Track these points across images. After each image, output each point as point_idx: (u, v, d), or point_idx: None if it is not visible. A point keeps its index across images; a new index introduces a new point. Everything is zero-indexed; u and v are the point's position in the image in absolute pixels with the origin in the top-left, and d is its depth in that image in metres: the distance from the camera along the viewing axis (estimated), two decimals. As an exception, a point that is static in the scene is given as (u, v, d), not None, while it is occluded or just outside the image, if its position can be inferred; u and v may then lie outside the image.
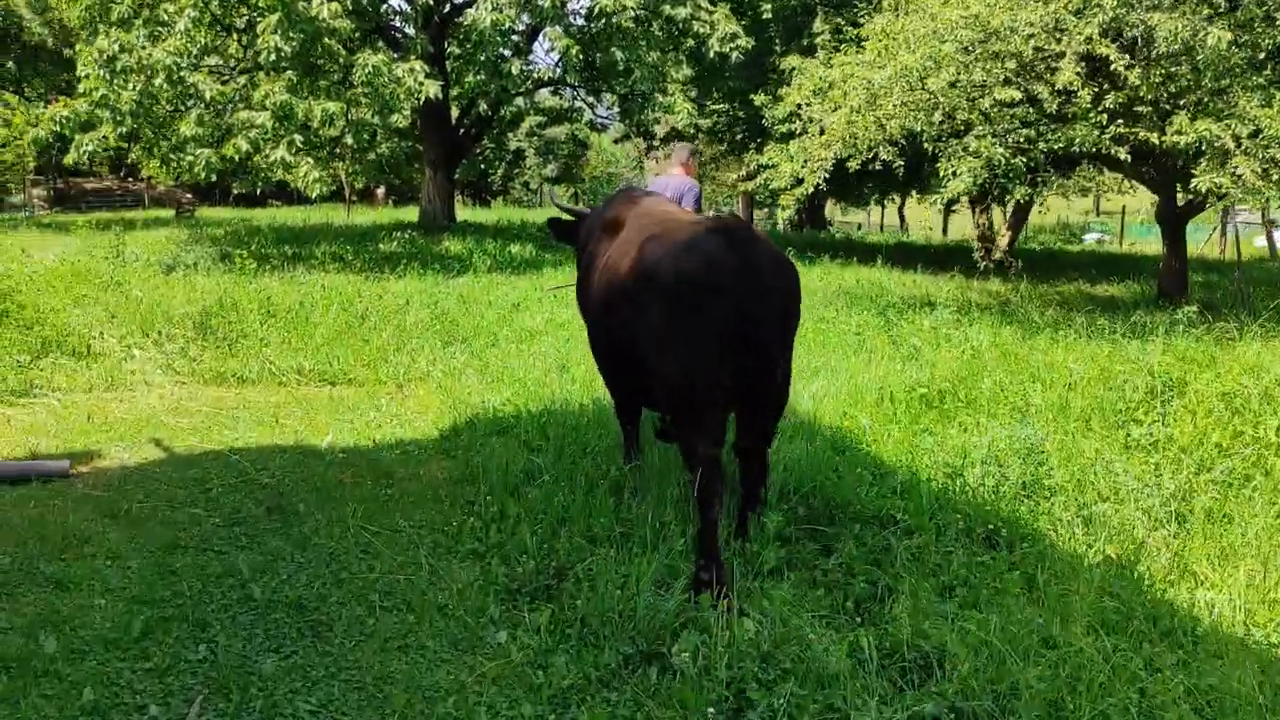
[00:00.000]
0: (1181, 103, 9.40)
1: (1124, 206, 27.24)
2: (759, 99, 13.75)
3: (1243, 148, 8.91)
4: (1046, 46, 9.47)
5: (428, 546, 4.69)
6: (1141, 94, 9.64)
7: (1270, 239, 29.48)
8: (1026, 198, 10.79)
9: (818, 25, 16.34)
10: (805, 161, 11.92)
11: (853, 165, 11.67)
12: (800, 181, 12.01)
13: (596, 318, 5.01)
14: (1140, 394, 7.07)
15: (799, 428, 6.29)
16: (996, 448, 5.51)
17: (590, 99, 23.51)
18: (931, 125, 10.75)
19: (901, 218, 46.97)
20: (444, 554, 4.61)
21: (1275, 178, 8.92)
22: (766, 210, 34.85)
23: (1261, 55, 9.46)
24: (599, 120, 25.78)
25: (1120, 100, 9.66)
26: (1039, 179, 10.26)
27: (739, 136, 22.70)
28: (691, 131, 23.52)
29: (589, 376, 8.07)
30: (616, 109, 24.49)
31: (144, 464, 6.01)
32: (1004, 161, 9.97)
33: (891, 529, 4.66)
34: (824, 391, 7.13)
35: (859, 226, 46.93)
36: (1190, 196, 13.05)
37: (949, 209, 30.87)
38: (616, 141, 29.62)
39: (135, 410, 7.34)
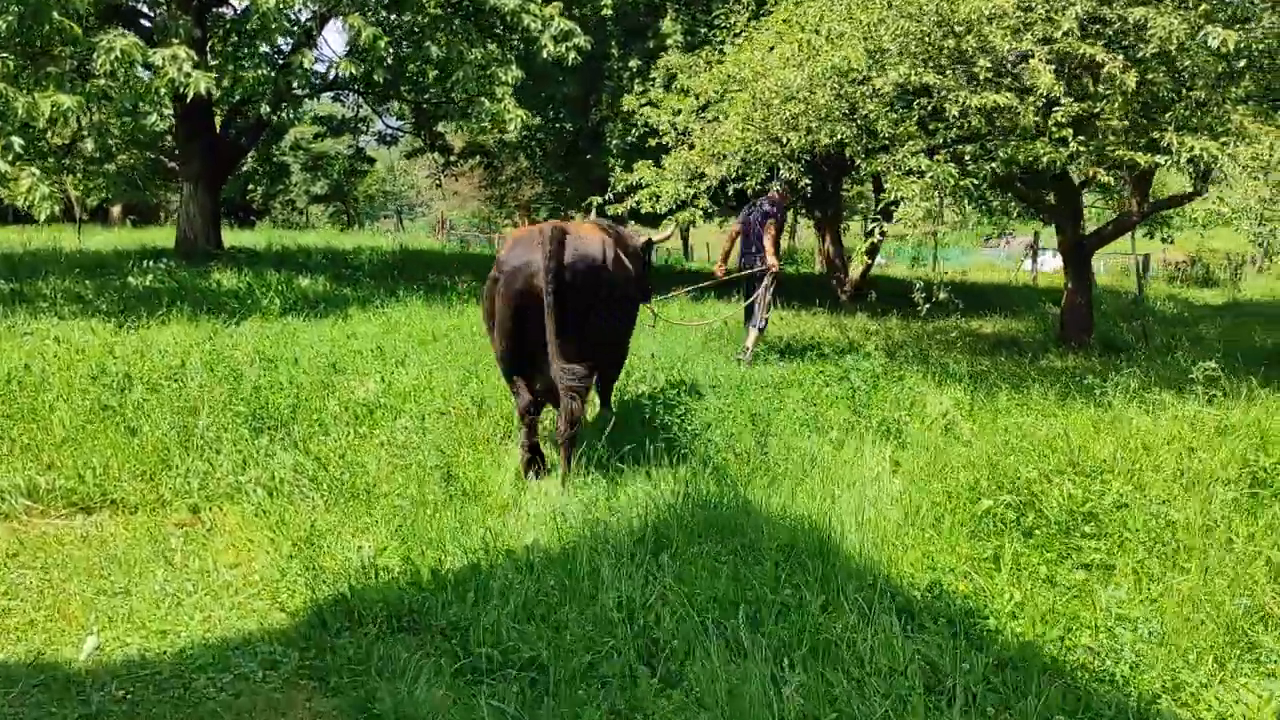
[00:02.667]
0: (1167, 115, 7.93)
1: (936, 231, 26.94)
2: (630, 102, 11.58)
3: (1248, 169, 7.49)
4: (1015, 45, 7.77)
5: None
6: (1106, 107, 8.13)
7: (1035, 263, 29.89)
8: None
9: (667, 25, 14.33)
10: (690, 179, 9.82)
11: (750, 184, 9.67)
12: (686, 204, 9.91)
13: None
14: (1233, 495, 5.37)
15: (871, 586, 4.07)
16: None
17: (380, 107, 20.53)
18: (850, 139, 8.90)
19: (685, 241, 45.97)
20: None
21: (1280, 205, 7.55)
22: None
23: (1241, 63, 8.15)
24: (389, 132, 22.75)
25: (1083, 111, 8.09)
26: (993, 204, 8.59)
27: (540, 152, 20.25)
28: (495, 146, 20.98)
29: (482, 482, 5.61)
30: (409, 120, 21.63)
31: None
32: (952, 182, 8.20)
33: None
34: (855, 514, 4.94)
35: (644, 251, 45.42)
36: (1106, 225, 11.91)
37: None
38: (409, 156, 26.58)
39: None
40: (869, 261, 17.09)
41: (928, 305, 8.61)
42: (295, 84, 14.24)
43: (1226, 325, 14.20)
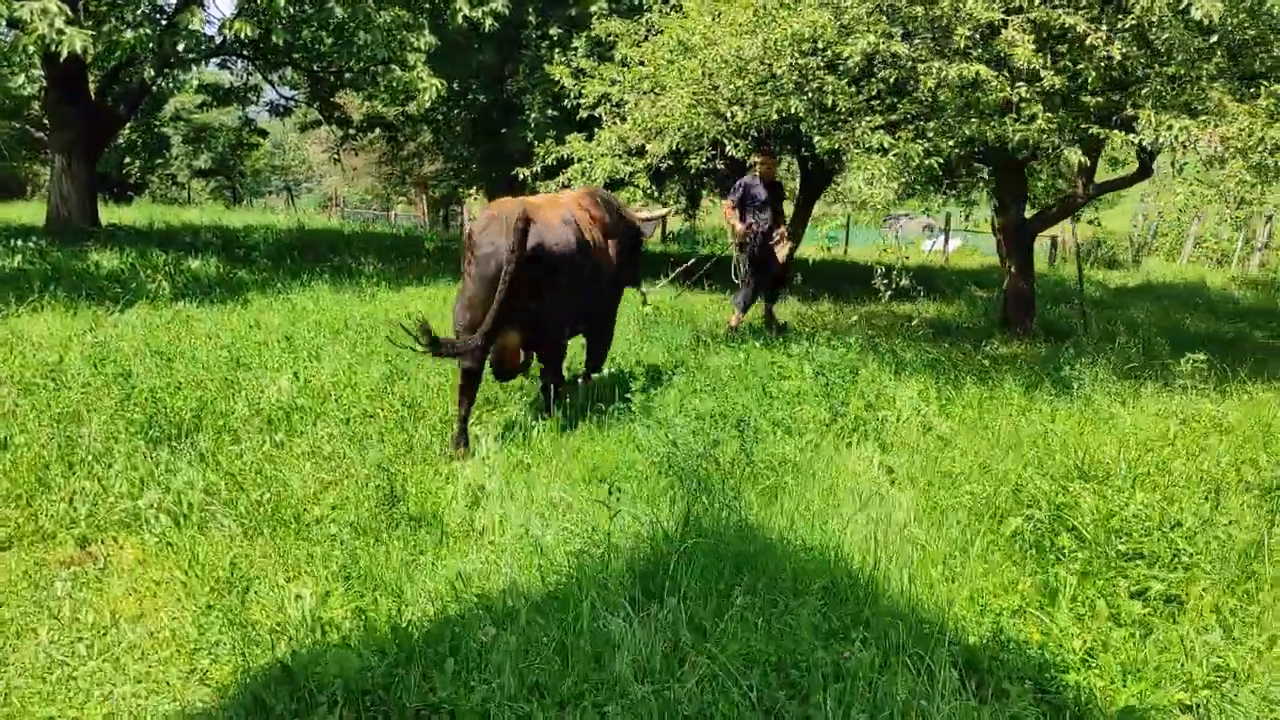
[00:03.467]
0: (1144, 92, 7.52)
1: (848, 214, 26.76)
2: (558, 71, 10.76)
3: (1229, 151, 7.12)
4: (990, 13, 7.25)
5: None
6: (1059, 83, 7.71)
7: (946, 242, 30.13)
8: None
9: (591, -11, 13.52)
10: (628, 155, 9.11)
11: (693, 163, 9.00)
12: (623, 182, 9.20)
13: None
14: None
15: (935, 637, 3.45)
16: None
17: (271, 75, 19.13)
18: (805, 114, 8.30)
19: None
20: None
21: (1260, 190, 7.22)
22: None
23: (1214, 38, 7.79)
24: (281, 102, 21.31)
25: (1061, 86, 7.62)
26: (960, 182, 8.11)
27: (445, 124, 19.14)
28: (399, 118, 19.81)
29: (431, 501, 4.85)
30: (304, 89, 20.31)
31: None
32: (918, 160, 7.67)
33: None
34: (877, 539, 4.31)
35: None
36: (1050, 206, 11.60)
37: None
38: (303, 129, 25.08)
39: None
40: (793, 244, 16.54)
41: (890, 292, 8.10)
42: (181, 46, 12.99)
43: (1153, 309, 14.12)
